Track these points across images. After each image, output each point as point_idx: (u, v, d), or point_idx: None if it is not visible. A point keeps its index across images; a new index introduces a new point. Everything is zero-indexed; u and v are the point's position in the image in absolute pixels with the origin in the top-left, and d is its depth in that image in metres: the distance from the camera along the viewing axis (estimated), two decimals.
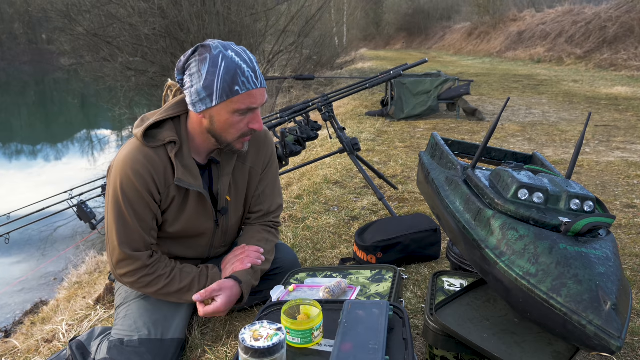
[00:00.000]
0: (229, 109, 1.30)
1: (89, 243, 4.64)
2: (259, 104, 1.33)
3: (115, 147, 10.10)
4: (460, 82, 5.86)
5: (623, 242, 2.26)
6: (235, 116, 1.32)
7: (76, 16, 9.47)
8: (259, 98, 1.32)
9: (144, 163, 1.35)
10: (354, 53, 23.59)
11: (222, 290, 1.39)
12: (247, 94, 1.30)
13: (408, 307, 1.70)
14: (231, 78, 1.27)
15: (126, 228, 1.37)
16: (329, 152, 3.27)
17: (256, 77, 1.31)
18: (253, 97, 1.31)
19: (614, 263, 1.08)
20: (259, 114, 1.36)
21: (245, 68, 1.29)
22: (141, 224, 1.38)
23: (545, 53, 14.61)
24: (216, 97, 1.29)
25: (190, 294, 1.44)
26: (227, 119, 1.32)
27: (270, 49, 10.93)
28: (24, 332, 2.47)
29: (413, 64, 2.74)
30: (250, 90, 1.30)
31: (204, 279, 1.48)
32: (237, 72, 1.27)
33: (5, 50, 31.27)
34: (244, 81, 1.28)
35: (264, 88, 1.34)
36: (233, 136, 1.36)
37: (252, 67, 1.31)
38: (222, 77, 1.27)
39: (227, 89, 1.28)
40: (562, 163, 3.77)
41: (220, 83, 1.27)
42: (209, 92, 1.29)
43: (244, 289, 1.44)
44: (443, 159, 1.63)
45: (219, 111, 1.32)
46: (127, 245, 1.38)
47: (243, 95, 1.29)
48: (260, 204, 1.61)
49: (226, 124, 1.33)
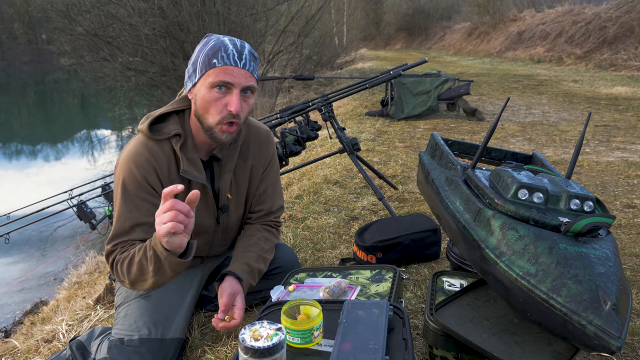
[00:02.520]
0: (206, 83, 1.30)
1: (88, 243, 4.64)
2: (236, 82, 1.29)
3: (115, 147, 10.11)
4: (460, 82, 5.86)
5: (623, 242, 2.26)
6: (212, 92, 1.30)
7: (76, 16, 9.47)
8: (237, 76, 1.29)
9: (147, 157, 1.35)
10: (353, 53, 23.60)
11: (236, 294, 1.41)
12: (223, 68, 1.28)
13: (408, 307, 1.70)
14: (212, 53, 1.29)
15: (123, 222, 1.36)
16: (329, 152, 3.27)
17: (239, 57, 1.29)
18: (230, 73, 1.28)
19: (614, 263, 1.08)
20: (237, 96, 1.30)
21: (230, 47, 1.29)
22: (138, 219, 1.37)
23: (545, 53, 14.61)
24: (197, 71, 1.31)
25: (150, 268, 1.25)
26: (204, 94, 1.31)
27: (270, 49, 10.94)
28: (23, 332, 2.47)
29: (413, 64, 2.74)
30: (227, 65, 1.28)
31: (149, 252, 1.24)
32: (220, 48, 1.29)
33: (5, 50, 31.27)
34: (224, 56, 1.28)
35: (246, 70, 1.31)
36: (213, 117, 1.32)
37: (239, 50, 1.30)
38: (205, 52, 1.30)
39: (207, 61, 1.29)
40: (562, 163, 3.77)
41: (202, 57, 1.30)
42: (194, 67, 1.32)
43: (244, 287, 1.46)
44: (443, 159, 1.63)
45: (199, 87, 1.32)
46: (118, 239, 1.35)
47: (219, 68, 1.28)
48: (262, 204, 1.61)
49: (204, 100, 1.31)
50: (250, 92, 1.35)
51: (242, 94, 1.32)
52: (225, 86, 1.30)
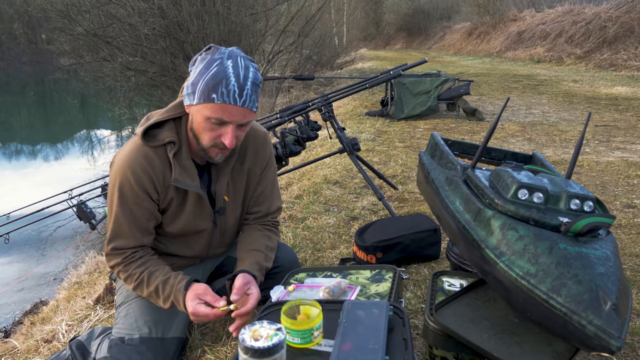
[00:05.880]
0: (203, 114, 1.28)
1: (88, 243, 4.64)
2: (233, 120, 1.28)
3: (115, 147, 10.10)
4: (460, 82, 5.86)
5: (623, 242, 2.26)
6: (207, 123, 1.29)
7: (76, 16, 9.46)
8: (234, 115, 1.27)
9: (142, 164, 1.35)
10: (353, 53, 23.61)
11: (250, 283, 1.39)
12: (220, 106, 1.26)
13: (408, 307, 1.70)
14: (213, 85, 1.24)
15: (119, 226, 1.39)
16: (329, 152, 3.27)
17: (239, 95, 1.26)
18: (227, 111, 1.26)
19: (614, 263, 1.08)
20: (232, 131, 1.30)
21: (233, 81, 1.25)
22: (134, 223, 1.39)
23: (545, 53, 14.61)
24: (196, 97, 1.28)
25: (160, 302, 1.41)
26: (200, 122, 1.31)
27: (270, 49, 10.94)
28: (23, 332, 2.47)
29: (413, 64, 2.74)
30: (225, 104, 1.25)
31: (167, 289, 1.39)
32: (222, 81, 1.24)
33: (5, 50, 31.26)
34: (224, 92, 1.24)
35: (245, 108, 1.27)
36: (206, 142, 1.33)
37: (241, 84, 1.25)
38: (206, 80, 1.25)
39: (206, 93, 1.26)
40: (562, 163, 3.77)
41: (202, 85, 1.26)
42: (193, 89, 1.29)
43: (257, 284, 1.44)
44: (443, 159, 1.63)
45: (196, 111, 1.31)
46: (115, 241, 1.40)
47: (217, 105, 1.26)
48: (259, 205, 1.61)
49: (200, 126, 1.32)
50: (248, 124, 1.33)
51: (239, 126, 1.31)
52: (221, 121, 1.29)
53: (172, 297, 1.37)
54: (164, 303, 1.39)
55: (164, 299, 1.38)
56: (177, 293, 1.36)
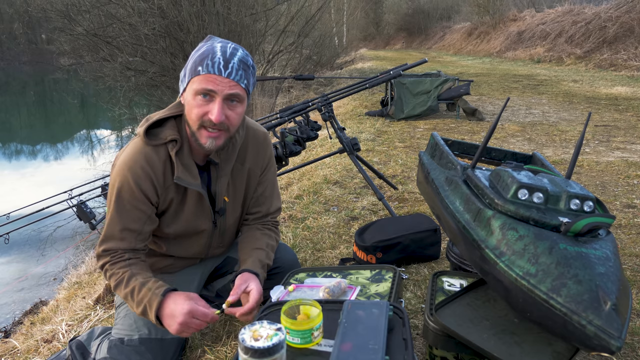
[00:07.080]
0: (191, 90, 1.29)
1: (88, 243, 4.63)
2: (218, 90, 1.27)
3: (114, 147, 10.10)
4: (460, 82, 5.86)
5: (623, 242, 2.26)
6: (196, 99, 1.29)
7: (75, 16, 9.46)
8: (219, 84, 1.27)
9: (143, 165, 1.35)
10: (353, 53, 23.61)
11: (248, 281, 1.38)
12: (206, 76, 1.26)
13: (408, 307, 1.70)
14: (200, 60, 1.28)
15: (114, 228, 1.38)
16: (329, 152, 3.27)
17: (224, 66, 1.26)
18: (212, 81, 1.26)
19: (614, 263, 1.08)
20: (219, 105, 1.28)
21: (219, 55, 1.27)
22: (129, 227, 1.38)
23: (545, 53, 14.61)
24: (186, 77, 1.31)
25: (133, 305, 1.34)
26: (189, 100, 1.31)
27: (270, 49, 10.94)
28: (23, 332, 2.47)
29: (413, 64, 2.74)
30: (210, 74, 1.26)
31: (143, 291, 1.32)
32: (208, 55, 1.27)
33: (5, 50, 31.26)
34: (209, 64, 1.26)
35: (230, 80, 1.27)
36: (194, 121, 1.32)
37: (227, 58, 1.27)
38: (194, 59, 1.29)
39: (193, 68, 1.28)
40: (562, 163, 3.77)
41: (191, 63, 1.30)
42: (184, 72, 1.32)
43: (260, 281, 1.43)
44: (443, 159, 1.63)
45: (187, 94, 1.32)
46: (107, 243, 1.38)
47: (202, 76, 1.27)
48: (259, 206, 1.61)
49: (189, 106, 1.31)
50: (237, 100, 1.31)
51: (228, 103, 1.30)
52: (208, 94, 1.28)
53: (145, 301, 1.30)
54: (136, 307, 1.32)
55: (137, 303, 1.31)
56: (153, 297, 1.29)
